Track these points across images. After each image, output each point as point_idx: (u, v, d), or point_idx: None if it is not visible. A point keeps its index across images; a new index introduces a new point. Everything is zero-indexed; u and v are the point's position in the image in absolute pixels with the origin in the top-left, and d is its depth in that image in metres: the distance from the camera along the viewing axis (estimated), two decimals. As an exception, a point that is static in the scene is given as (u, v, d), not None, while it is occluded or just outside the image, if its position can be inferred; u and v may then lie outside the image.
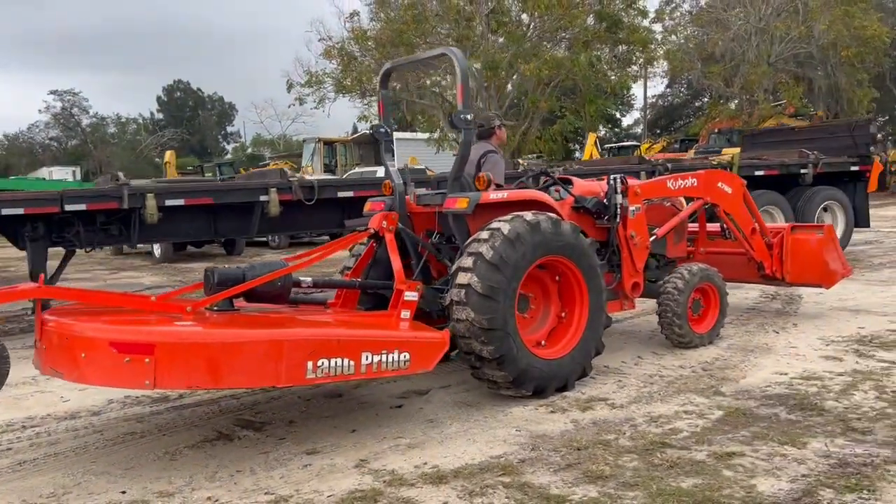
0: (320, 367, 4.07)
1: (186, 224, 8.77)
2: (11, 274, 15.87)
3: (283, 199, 8.77)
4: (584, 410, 4.90)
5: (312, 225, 10.83)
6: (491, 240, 4.96)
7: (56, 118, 67.58)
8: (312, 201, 8.90)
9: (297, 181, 9.13)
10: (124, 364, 3.75)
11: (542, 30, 24.73)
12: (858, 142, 12.40)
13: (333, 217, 9.51)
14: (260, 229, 9.14)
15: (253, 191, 8.89)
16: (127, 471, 4.15)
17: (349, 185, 9.89)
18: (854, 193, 12.43)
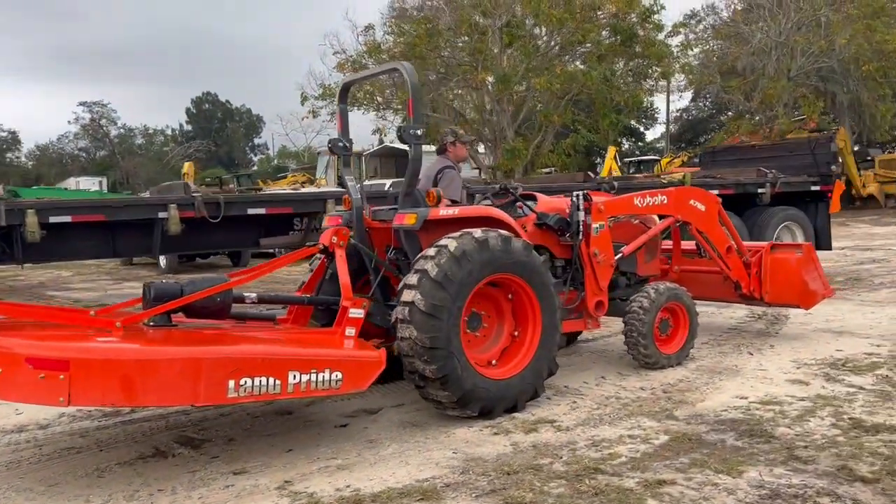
0: (243, 387, 4.00)
1: (78, 242, 8.31)
2: (17, 282, 16.08)
3: (186, 216, 8.28)
4: (527, 433, 4.78)
5: (222, 244, 10.22)
6: (437, 257, 4.88)
7: (85, 129, 68.82)
8: (218, 219, 8.42)
9: (200, 197, 8.55)
10: (39, 380, 3.71)
11: (557, 43, 24.67)
12: (819, 160, 11.95)
13: (247, 236, 9.13)
14: (164, 248, 8.75)
15: (151, 207, 8.41)
16: (49, 488, 4.12)
17: (261, 202, 9.35)
18: (816, 214, 11.99)
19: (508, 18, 24.34)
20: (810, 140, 13.54)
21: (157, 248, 8.53)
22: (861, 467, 4.03)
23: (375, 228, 5.70)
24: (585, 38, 23.69)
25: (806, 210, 11.89)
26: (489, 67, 22.65)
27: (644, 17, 24.68)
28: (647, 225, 6.66)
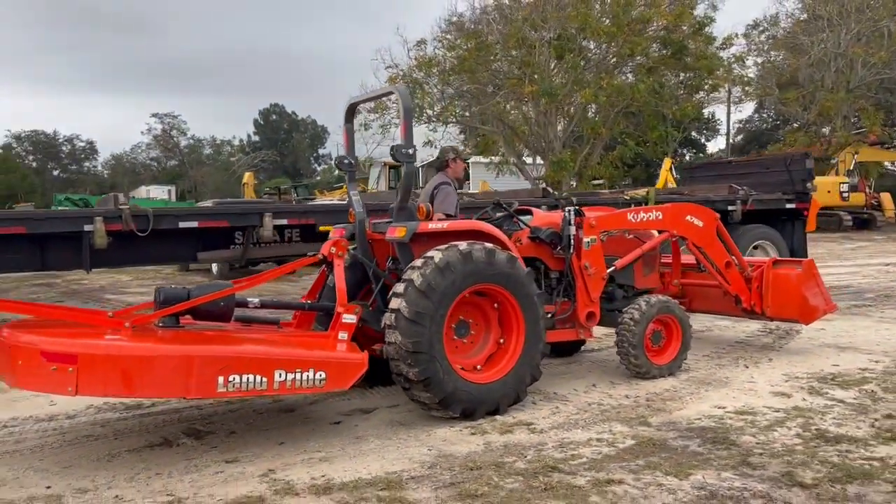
0: (231, 382, 4.44)
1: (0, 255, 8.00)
2: (80, 286, 17.06)
3: (114, 229, 8.01)
4: (503, 433, 5.10)
5: (157, 258, 9.81)
6: (423, 267, 5.25)
7: (157, 140, 71.52)
8: (146, 232, 8.15)
9: (127, 209, 8.16)
10: (52, 372, 4.22)
11: (606, 56, 24.79)
12: (794, 177, 11.66)
13: (183, 249, 8.97)
14: (95, 262, 8.42)
15: (75, 220, 8.14)
16: (63, 469, 4.62)
17: (193, 215, 9.02)
18: (792, 233, 11.70)
19: (559, 32, 24.59)
20: (786, 157, 13.22)
21: (87, 262, 8.25)
22: (806, 474, 4.22)
23: (377, 240, 6.10)
24: (634, 52, 23.74)
25: (782, 229, 11.59)
26: (536, 80, 22.91)
27: (696, 29, 24.61)
28: (643, 240, 6.88)
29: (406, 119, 5.58)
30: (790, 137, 32.74)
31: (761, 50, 37.59)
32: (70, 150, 74.44)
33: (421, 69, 24.28)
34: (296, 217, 9.37)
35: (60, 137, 73.08)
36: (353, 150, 6.29)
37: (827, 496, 3.92)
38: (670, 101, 24.10)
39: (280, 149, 77.17)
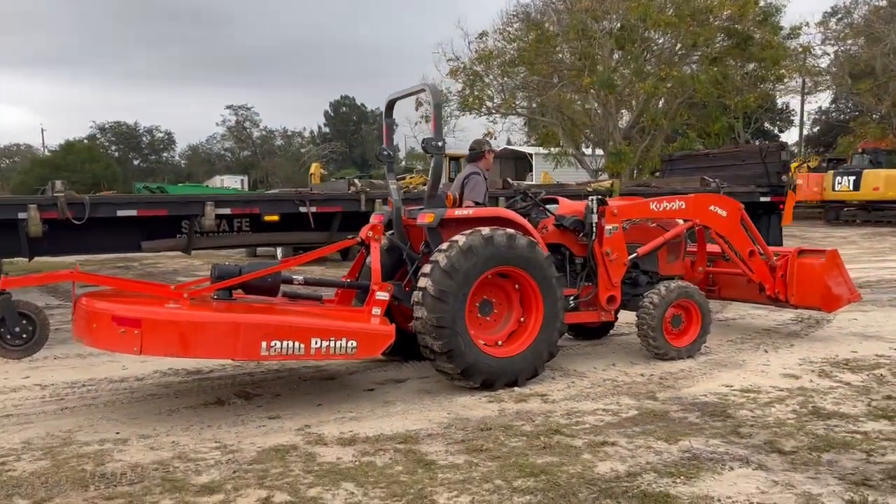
0: (273, 347, 5.06)
1: None
2: (156, 269, 18.19)
3: (50, 217, 7.98)
4: (517, 402, 5.59)
5: (98, 247, 9.57)
6: (448, 250, 5.77)
7: (230, 131, 73.91)
8: (83, 220, 8.10)
9: (63, 197, 8.07)
10: (120, 334, 4.90)
11: (669, 47, 24.75)
12: (770, 170, 11.45)
13: (126, 238, 8.88)
14: (35, 251, 8.43)
15: (9, 207, 8.07)
16: (131, 420, 5.32)
17: (132, 204, 8.92)
18: (767, 227, 11.38)
19: (622, 22, 24.69)
20: (761, 148, 12.75)
21: (26, 249, 8.26)
22: (788, 443, 4.58)
23: (412, 226, 6.63)
24: (697, 42, 23.67)
25: (756, 223, 11.34)
26: (595, 71, 23.09)
27: (761, 20, 24.35)
28: (667, 228, 7.23)
29: (436, 115, 6.09)
30: (861, 129, 31.93)
31: (837, 38, 36.66)
32: (150, 140, 77.55)
33: (481, 62, 24.71)
34: (239, 206, 9.47)
35: (141, 128, 76.23)
36: (393, 142, 6.83)
37: (800, 461, 4.28)
38: (733, 93, 23.92)
39: (349, 140, 78.61)
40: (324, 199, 10.21)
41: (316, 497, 3.89)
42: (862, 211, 26.20)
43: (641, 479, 4.04)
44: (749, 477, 4.06)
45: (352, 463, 4.38)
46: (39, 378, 6.58)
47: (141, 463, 4.43)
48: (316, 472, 4.24)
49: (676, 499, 3.77)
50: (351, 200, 10.15)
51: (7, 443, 4.83)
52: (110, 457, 4.55)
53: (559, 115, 25.26)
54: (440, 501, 3.80)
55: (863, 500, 3.71)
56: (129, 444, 4.77)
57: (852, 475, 4.05)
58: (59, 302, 11.27)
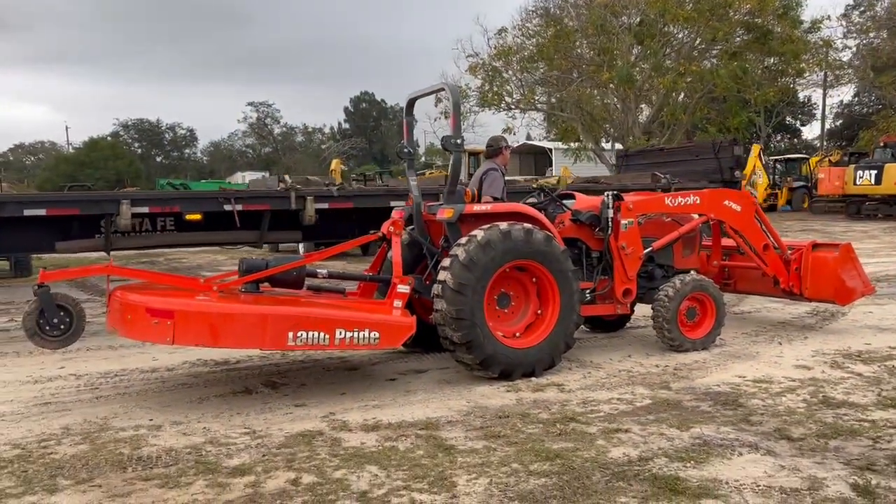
0: (299, 337, 5.27)
1: None
2: (181, 264, 18.53)
3: None
4: (534, 391, 5.76)
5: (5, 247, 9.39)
6: (467, 244, 5.95)
7: (252, 127, 74.56)
8: None
9: None
10: (154, 325, 5.14)
11: (688, 42, 24.75)
12: (723, 165, 11.26)
13: (38, 239, 8.64)
14: None
15: None
16: (163, 407, 5.56)
17: (41, 203, 8.63)
18: None
19: (641, 17, 24.73)
20: (714, 143, 12.52)
21: None
22: (797, 430, 4.73)
23: (432, 221, 6.82)
24: (716, 37, 23.65)
25: None
26: (614, 66, 23.15)
27: (781, 14, 24.27)
28: (682, 223, 7.36)
29: (455, 112, 6.26)
30: (884, 123, 31.70)
31: (859, 31, 36.38)
32: (172, 137, 78.39)
33: (500, 58, 24.84)
34: (157, 205, 9.09)
35: (163, 125, 77.08)
36: (413, 140, 7.01)
37: (808, 447, 4.43)
38: (752, 87, 23.89)
39: (369, 136, 78.97)
40: (250, 196, 9.95)
41: (341, 478, 4.09)
42: (884, 205, 26.03)
43: (653, 464, 4.21)
44: (757, 462, 4.21)
45: (375, 447, 4.58)
46: (74, 368, 6.84)
47: (175, 447, 4.66)
48: (341, 455, 4.44)
49: (686, 482, 3.93)
50: (280, 198, 9.66)
51: (47, 428, 5.08)
52: (145, 441, 4.78)
53: (578, 111, 25.35)
54: (460, 483, 3.99)
55: (866, 483, 3.86)
56: (163, 430, 5.01)
57: (857, 461, 4.19)
58: (88, 296, 11.58)
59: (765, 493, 3.78)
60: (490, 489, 3.91)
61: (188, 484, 4.06)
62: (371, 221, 9.71)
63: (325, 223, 9.88)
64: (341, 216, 10.10)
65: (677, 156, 13.17)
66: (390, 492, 3.90)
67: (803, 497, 3.73)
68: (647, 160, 13.69)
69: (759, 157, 33.88)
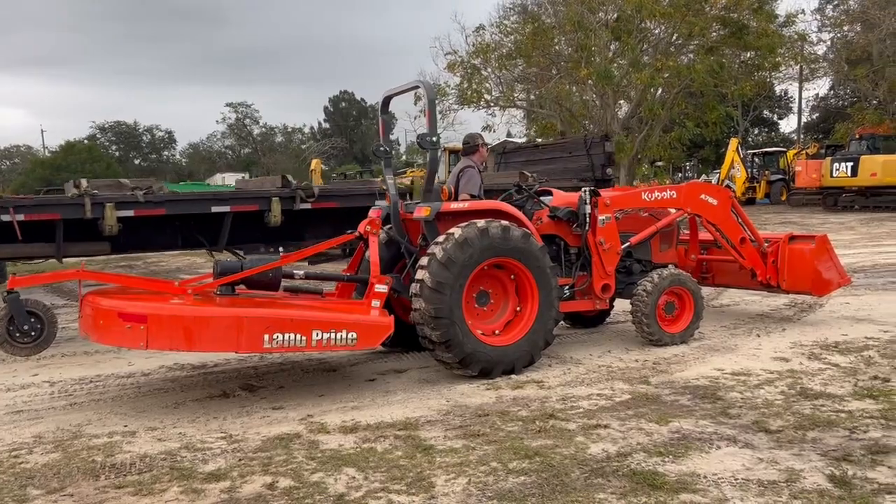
0: (275, 340, 5.21)
1: None
2: (159, 268, 18.37)
3: None
4: (514, 389, 5.74)
5: None
6: (444, 242, 5.91)
7: (231, 128, 74.04)
8: None
9: None
10: (127, 329, 5.06)
11: (666, 38, 24.84)
12: (595, 162, 10.87)
13: None
14: None
15: None
16: (138, 413, 5.48)
17: None
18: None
19: (618, 13, 24.79)
20: (586, 139, 11.95)
21: None
22: (775, 423, 4.73)
23: (410, 220, 6.77)
24: (693, 32, 23.75)
25: None
26: (592, 63, 23.20)
27: (756, 8, 24.41)
28: (659, 218, 7.37)
29: (430, 110, 6.23)
30: (859, 115, 32.00)
31: (833, 25, 36.70)
32: (150, 139, 77.70)
33: (478, 55, 24.83)
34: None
35: (141, 127, 76.36)
36: (389, 138, 6.97)
37: (786, 439, 4.44)
38: (729, 81, 24.03)
39: (349, 135, 78.69)
40: (35, 205, 8.54)
41: (319, 482, 4.04)
42: (860, 197, 26.30)
43: (631, 459, 4.20)
44: (735, 455, 4.21)
45: (353, 449, 4.53)
46: (48, 375, 6.73)
47: (149, 453, 4.58)
48: (319, 458, 4.39)
49: (664, 476, 3.92)
50: (72, 206, 8.36)
51: (18, 437, 4.99)
52: (119, 448, 4.70)
53: (558, 107, 25.39)
54: (438, 483, 3.96)
55: (843, 474, 3.86)
56: (138, 436, 4.93)
57: (834, 451, 4.20)
58: (65, 301, 11.43)
59: (743, 487, 3.78)
60: (468, 489, 3.88)
61: (162, 491, 4.00)
62: (192, 229, 9.22)
63: (132, 233, 8.84)
64: (154, 224, 9.07)
65: (552, 152, 12.61)
66: (368, 494, 3.86)
67: (781, 489, 3.73)
68: (523, 157, 13.08)
69: (737, 151, 34.19)
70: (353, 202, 9.84)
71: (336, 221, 9.72)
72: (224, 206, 9.03)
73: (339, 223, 9.44)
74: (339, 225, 9.40)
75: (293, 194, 9.42)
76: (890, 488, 3.70)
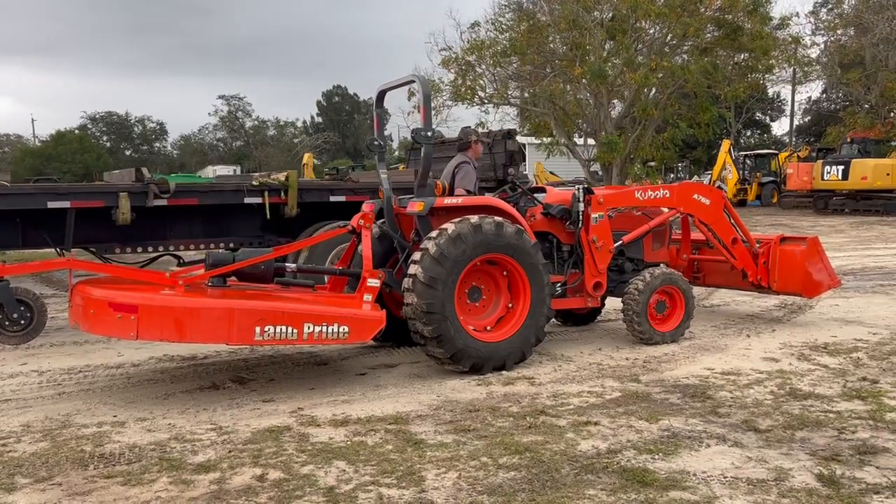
0: (266, 332, 5.20)
1: None
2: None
3: None
4: (505, 385, 5.74)
5: None
6: (437, 238, 5.91)
7: (223, 121, 73.74)
8: None
9: None
10: (117, 320, 5.04)
11: (659, 37, 24.86)
12: (496, 161, 9.91)
13: None
14: None
15: None
16: (127, 404, 5.46)
17: None
18: None
19: (613, 13, 24.78)
20: (488, 136, 10.50)
21: None
22: (764, 422, 4.75)
23: (403, 215, 6.76)
24: (687, 33, 23.77)
25: None
26: (586, 61, 23.20)
27: (751, 10, 24.43)
28: (652, 217, 7.38)
29: (425, 105, 6.22)
30: (850, 119, 32.14)
31: (827, 28, 36.85)
32: (141, 130, 77.27)
33: (473, 52, 24.78)
34: None
35: (132, 118, 75.93)
36: (383, 132, 6.96)
37: (775, 439, 4.46)
38: (723, 83, 24.07)
39: (342, 130, 78.50)
40: None
41: (308, 474, 4.04)
42: (850, 200, 26.41)
43: (621, 456, 4.21)
44: (725, 453, 4.23)
45: (344, 442, 4.53)
46: (36, 364, 6.70)
47: (138, 444, 4.57)
48: (309, 451, 4.39)
49: (654, 473, 3.93)
50: None
51: (6, 426, 4.96)
52: (108, 438, 4.69)
53: (551, 106, 25.35)
54: (428, 477, 3.96)
55: (831, 473, 3.89)
56: (127, 427, 4.91)
57: (823, 451, 4.23)
58: (54, 291, 11.38)
59: (732, 485, 3.80)
60: (459, 483, 3.88)
61: (151, 481, 3.98)
62: (34, 227, 8.09)
63: None
64: None
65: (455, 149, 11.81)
66: (358, 487, 3.86)
67: (769, 488, 3.75)
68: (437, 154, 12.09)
69: (729, 153, 34.29)
70: (214, 199, 8.92)
71: (197, 220, 9.03)
72: (63, 202, 7.96)
73: (201, 222, 9.01)
74: (201, 224, 8.99)
75: (145, 189, 8.35)
76: (877, 488, 3.72)
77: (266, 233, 9.16)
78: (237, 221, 9.19)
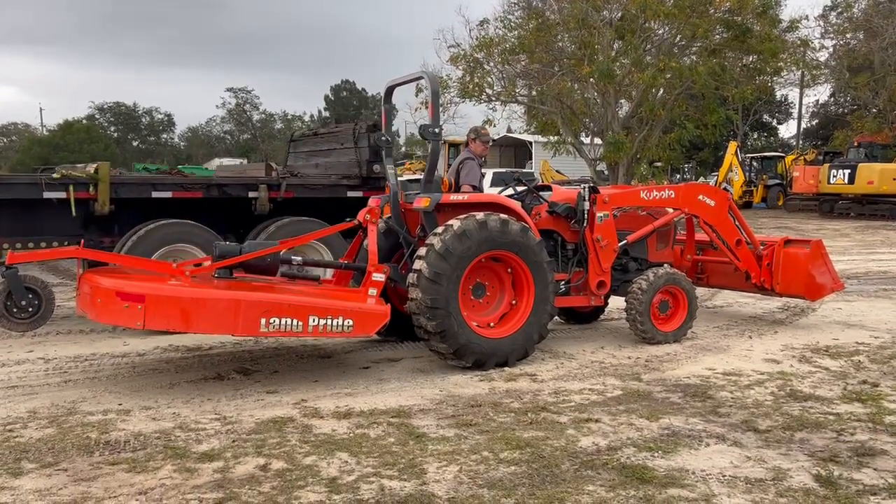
0: (272, 324, 5.25)
1: None
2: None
3: None
4: (507, 381, 5.78)
5: None
6: (443, 234, 5.95)
7: (230, 113, 73.86)
8: None
9: None
10: (124, 309, 5.09)
11: (668, 38, 24.84)
12: (361, 157, 8.96)
13: None
14: None
15: None
16: (133, 392, 5.51)
17: None
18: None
19: (622, 12, 24.76)
20: (354, 129, 9.37)
21: None
22: (763, 423, 4.79)
23: (409, 211, 6.80)
24: (696, 34, 23.72)
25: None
26: (594, 61, 23.18)
27: (760, 12, 24.38)
28: (657, 217, 7.41)
29: (433, 102, 6.25)
30: (858, 123, 32.07)
31: (836, 32, 36.76)
32: (149, 121, 77.46)
33: (481, 49, 24.77)
34: None
35: (140, 110, 76.10)
36: (391, 128, 6.99)
37: (774, 439, 4.49)
38: (730, 84, 24.03)
39: (350, 125, 78.41)
40: None
41: (311, 465, 4.08)
42: (856, 204, 26.39)
43: (621, 453, 4.25)
44: (724, 452, 4.26)
45: (346, 434, 4.57)
46: (43, 352, 6.76)
47: (143, 432, 4.62)
48: (312, 442, 4.43)
49: (653, 471, 3.97)
50: None
51: (13, 412, 5.02)
52: (114, 426, 4.74)
53: (558, 104, 25.32)
54: (430, 470, 4.00)
55: (829, 474, 3.92)
56: (132, 415, 4.97)
57: (821, 452, 4.26)
58: (60, 280, 11.44)
59: (730, 483, 3.83)
60: (460, 476, 3.92)
61: (156, 469, 4.03)
62: None
63: None
64: None
65: (328, 143, 10.18)
66: (360, 478, 3.90)
67: (768, 487, 3.78)
68: (308, 147, 10.89)
69: (735, 155, 34.26)
70: (5, 194, 7.50)
71: None
72: None
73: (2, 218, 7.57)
74: (4, 221, 7.56)
75: None
76: (874, 489, 3.75)
77: (87, 232, 7.87)
78: (45, 220, 7.73)
